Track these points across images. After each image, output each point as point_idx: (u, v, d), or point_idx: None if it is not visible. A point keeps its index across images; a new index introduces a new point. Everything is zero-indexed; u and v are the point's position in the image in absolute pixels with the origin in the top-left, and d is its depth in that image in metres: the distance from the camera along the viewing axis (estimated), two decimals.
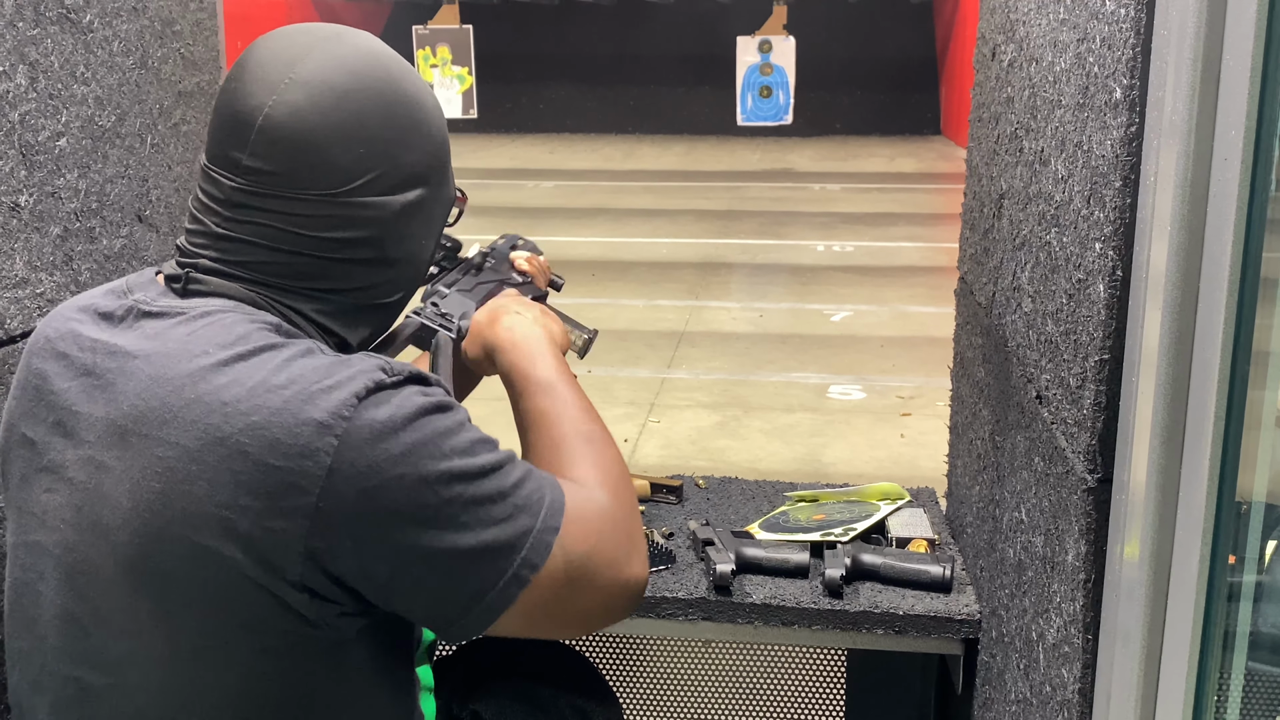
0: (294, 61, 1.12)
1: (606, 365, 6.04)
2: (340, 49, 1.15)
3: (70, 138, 1.56)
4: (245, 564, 1.00)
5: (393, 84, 1.16)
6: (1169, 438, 1.03)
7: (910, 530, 1.91)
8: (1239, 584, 1.03)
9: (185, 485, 1.01)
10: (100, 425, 1.07)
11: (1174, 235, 1.00)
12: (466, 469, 1.05)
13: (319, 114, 1.10)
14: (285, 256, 1.13)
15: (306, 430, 0.99)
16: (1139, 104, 1.07)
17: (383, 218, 1.16)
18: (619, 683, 2.28)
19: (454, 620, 1.07)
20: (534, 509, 1.08)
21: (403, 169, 1.17)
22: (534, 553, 1.06)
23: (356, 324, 1.20)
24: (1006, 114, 1.59)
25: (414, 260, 1.23)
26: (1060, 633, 1.27)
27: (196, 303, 1.11)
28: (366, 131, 1.13)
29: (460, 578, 1.05)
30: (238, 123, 1.11)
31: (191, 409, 1.02)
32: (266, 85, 1.11)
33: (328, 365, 1.04)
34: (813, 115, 15.68)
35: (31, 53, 1.48)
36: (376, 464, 1.00)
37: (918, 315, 7.13)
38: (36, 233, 1.49)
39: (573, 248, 9.00)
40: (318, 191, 1.11)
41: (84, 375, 1.10)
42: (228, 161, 1.12)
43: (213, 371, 1.03)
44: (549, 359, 1.30)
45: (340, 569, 1.02)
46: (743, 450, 4.96)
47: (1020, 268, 1.49)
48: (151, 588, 1.03)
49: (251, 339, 1.06)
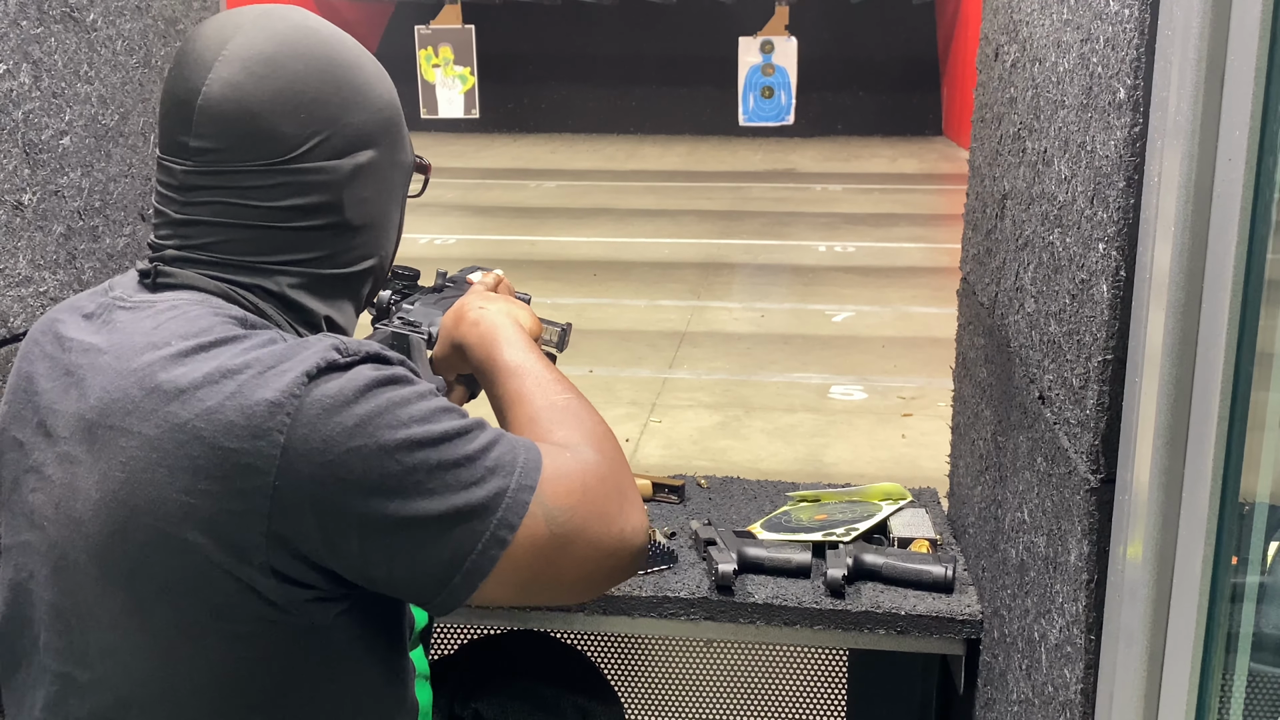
0: (225, 40, 1.14)
1: (608, 365, 6.04)
2: (269, 22, 1.16)
3: (74, 136, 1.56)
4: (210, 549, 1.00)
5: (326, 48, 1.17)
6: (1172, 438, 1.03)
7: (912, 530, 1.91)
8: (1242, 585, 1.03)
9: (147, 474, 1.01)
10: (72, 421, 1.08)
11: (1178, 236, 1.00)
12: (427, 435, 1.04)
13: (254, 83, 1.12)
14: (244, 232, 1.14)
15: (259, 410, 1.00)
16: (1143, 104, 1.07)
17: (335, 181, 1.16)
18: (621, 682, 2.28)
19: (437, 589, 1.05)
20: (506, 469, 1.06)
21: (347, 131, 1.17)
22: (510, 512, 1.05)
23: (331, 296, 1.20)
24: (1009, 114, 1.59)
25: (376, 225, 1.23)
26: (1063, 633, 1.26)
27: (165, 296, 1.13)
28: (305, 96, 1.14)
29: (435, 545, 1.04)
30: (179, 107, 1.13)
31: (150, 398, 1.03)
32: (201, 65, 1.13)
33: (283, 349, 1.05)
34: (815, 116, 15.67)
35: (35, 51, 1.48)
36: (331, 438, 1.00)
37: (919, 316, 7.13)
38: (40, 231, 1.49)
39: (575, 248, 9.00)
40: (265, 161, 1.13)
41: (64, 374, 1.12)
42: (175, 147, 1.14)
43: (172, 361, 1.04)
44: (517, 343, 1.30)
45: (308, 549, 1.02)
46: (744, 450, 4.96)
47: (1023, 268, 1.49)
48: (123, 578, 1.04)
49: (214, 331, 1.07)
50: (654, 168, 13.99)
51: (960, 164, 13.08)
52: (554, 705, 1.61)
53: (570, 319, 1.65)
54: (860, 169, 13.71)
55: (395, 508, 1.02)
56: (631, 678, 2.29)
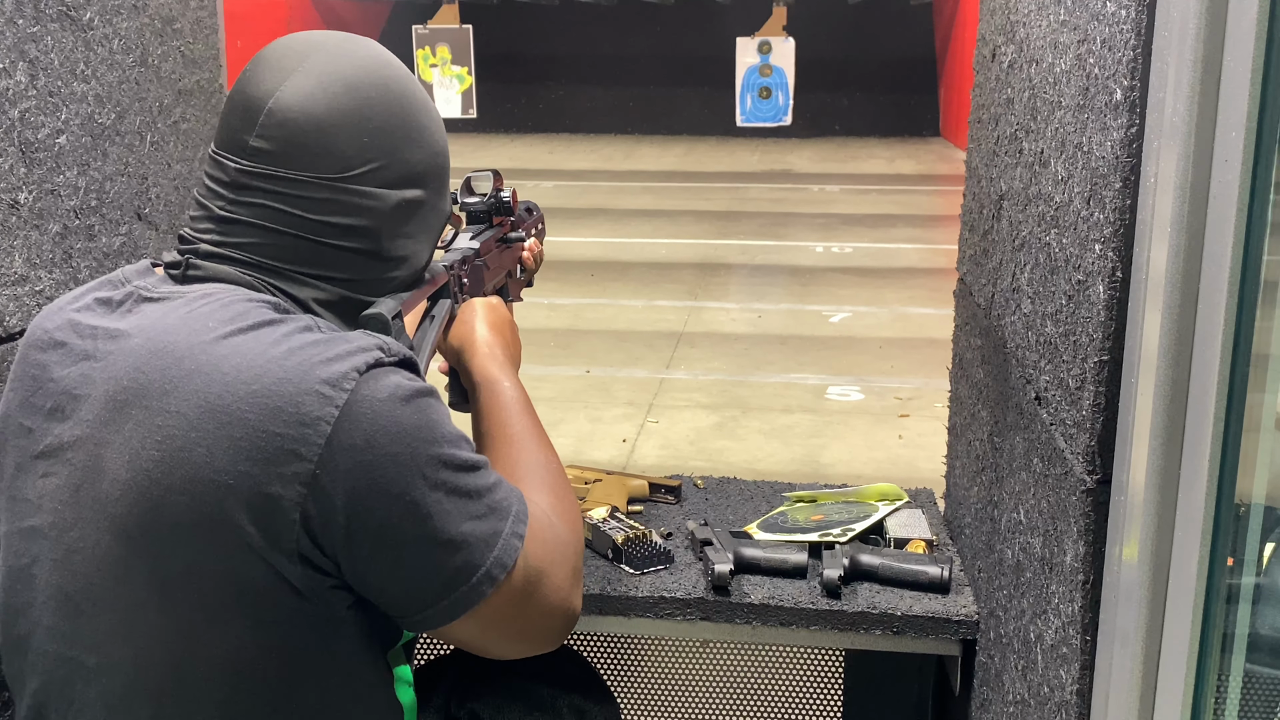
0: (307, 54, 1.18)
1: (605, 365, 6.04)
2: (352, 47, 1.21)
3: (70, 135, 1.56)
4: (245, 531, 1.02)
5: (400, 84, 1.22)
6: (1168, 439, 1.03)
7: (908, 531, 1.91)
8: (1238, 586, 1.03)
9: (184, 453, 1.02)
10: (99, 404, 1.09)
11: (1174, 237, 1.00)
12: (453, 459, 1.08)
13: (328, 99, 1.16)
14: (283, 239, 1.16)
15: (309, 399, 1.02)
16: (1139, 105, 1.07)
17: (380, 209, 1.19)
18: (617, 683, 2.28)
19: (420, 609, 1.09)
20: (503, 513, 1.11)
21: (403, 165, 1.21)
22: (505, 553, 1.10)
23: (350, 318, 1.22)
24: (1006, 115, 1.59)
25: (408, 261, 1.26)
26: (1059, 634, 1.26)
27: (195, 287, 1.14)
28: (372, 123, 1.18)
29: (436, 566, 1.07)
30: (248, 107, 1.16)
31: (191, 380, 1.04)
32: (279, 71, 1.16)
33: (327, 339, 1.07)
34: (812, 117, 15.67)
35: (31, 50, 1.48)
36: (374, 438, 1.03)
37: (916, 317, 7.13)
38: (36, 230, 1.49)
39: (572, 248, 8.99)
40: (319, 175, 1.15)
41: (83, 360, 1.12)
42: (235, 145, 1.16)
43: (212, 345, 1.06)
44: (513, 398, 1.36)
45: (326, 539, 1.04)
46: (741, 451, 4.96)
47: (1020, 269, 1.49)
48: (149, 557, 1.05)
49: (250, 315, 1.09)
50: (651, 168, 13.99)
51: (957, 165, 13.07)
52: (550, 705, 1.61)
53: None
54: (857, 170, 13.71)
55: (413, 522, 1.05)
56: (628, 678, 2.29)
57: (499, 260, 1.62)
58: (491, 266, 1.58)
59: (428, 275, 1.35)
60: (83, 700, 1.10)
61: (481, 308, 1.47)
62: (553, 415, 5.29)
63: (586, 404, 5.52)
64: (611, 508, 1.92)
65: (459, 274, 1.46)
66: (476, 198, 1.61)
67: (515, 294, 1.71)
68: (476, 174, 1.62)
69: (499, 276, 1.62)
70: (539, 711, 1.59)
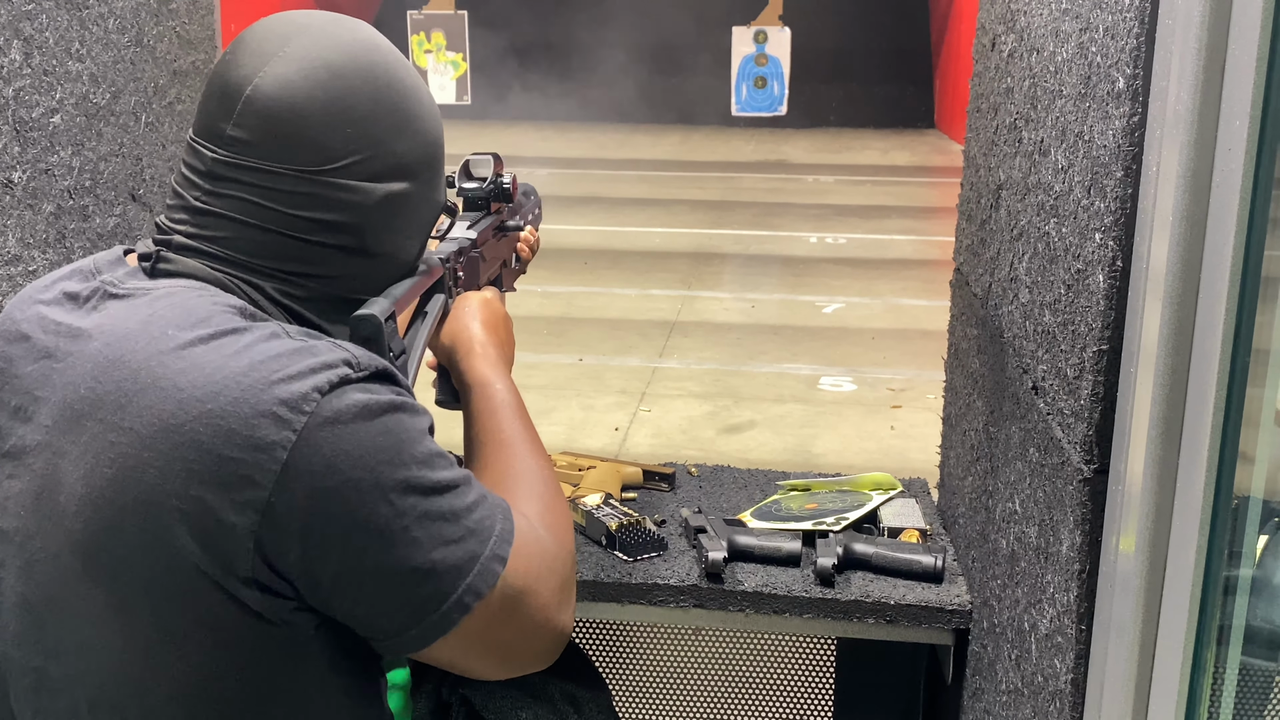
0: (290, 37, 1.11)
1: (599, 354, 6.03)
2: (338, 30, 1.14)
3: (64, 115, 1.54)
4: (198, 556, 0.98)
5: (389, 71, 1.15)
6: (1167, 430, 1.03)
7: (902, 520, 1.91)
8: (1234, 578, 1.03)
9: (136, 473, 0.98)
10: (57, 410, 1.04)
11: (1175, 227, 1.00)
12: (422, 481, 1.02)
13: (309, 87, 1.09)
14: (259, 233, 1.10)
15: (264, 422, 0.96)
16: (1142, 94, 1.07)
17: (363, 204, 1.13)
18: (609, 668, 2.28)
19: (391, 635, 1.05)
20: (484, 535, 1.06)
21: (390, 157, 1.14)
22: (480, 580, 1.05)
23: (331, 317, 1.16)
24: (1006, 104, 1.59)
25: (395, 258, 1.20)
26: (1053, 623, 1.26)
27: (163, 283, 1.09)
28: (356, 112, 1.11)
29: (403, 595, 1.03)
30: (226, 93, 1.10)
31: (146, 394, 0.99)
32: (259, 57, 1.10)
33: (290, 351, 1.01)
34: (807, 107, 15.67)
35: (26, 28, 1.46)
36: (334, 464, 0.98)
37: (910, 308, 7.13)
38: (29, 210, 1.48)
39: (566, 236, 8.98)
40: (298, 167, 1.09)
41: (45, 358, 1.07)
42: (212, 133, 1.10)
43: (170, 356, 1.00)
44: (510, 386, 1.32)
45: (284, 565, 1.00)
46: (733, 440, 4.96)
47: (1018, 258, 1.48)
48: (105, 577, 1.01)
49: (213, 321, 1.03)
50: (646, 157, 13.97)
51: (952, 157, 13.09)
52: (541, 691, 1.60)
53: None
54: (852, 160, 13.71)
55: (376, 551, 1.00)
56: (619, 664, 2.29)
57: (495, 250, 1.57)
58: (488, 258, 1.53)
59: (422, 267, 1.29)
60: (51, 710, 1.07)
61: (477, 304, 1.41)
62: (545, 403, 5.29)
63: (579, 392, 5.52)
64: (605, 494, 1.92)
65: (455, 267, 1.41)
66: (475, 183, 1.55)
67: (509, 284, 1.65)
68: (476, 157, 1.57)
69: (494, 267, 1.57)
70: (530, 697, 1.59)
